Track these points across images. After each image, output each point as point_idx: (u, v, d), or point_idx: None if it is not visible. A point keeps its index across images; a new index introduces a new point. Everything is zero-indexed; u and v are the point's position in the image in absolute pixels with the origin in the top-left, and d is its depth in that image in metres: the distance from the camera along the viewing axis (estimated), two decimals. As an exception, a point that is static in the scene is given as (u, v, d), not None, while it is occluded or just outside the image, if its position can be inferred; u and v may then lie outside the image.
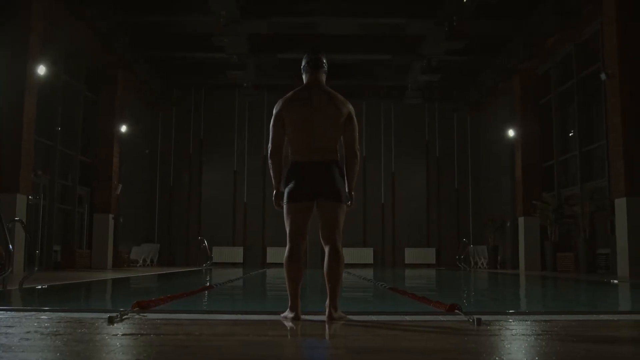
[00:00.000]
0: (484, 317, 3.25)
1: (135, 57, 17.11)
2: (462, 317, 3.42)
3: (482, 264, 19.41)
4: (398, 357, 2.26)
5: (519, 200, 16.72)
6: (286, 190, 3.48)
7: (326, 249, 3.42)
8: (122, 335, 2.73)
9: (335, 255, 3.36)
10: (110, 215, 16.22)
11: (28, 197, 11.57)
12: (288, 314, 3.38)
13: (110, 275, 11.16)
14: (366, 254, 21.05)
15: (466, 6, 13.51)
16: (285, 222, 3.47)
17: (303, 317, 3.36)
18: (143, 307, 3.64)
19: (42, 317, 3.38)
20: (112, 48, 15.66)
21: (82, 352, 2.26)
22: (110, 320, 3.12)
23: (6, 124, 11.32)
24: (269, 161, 3.59)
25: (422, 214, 21.56)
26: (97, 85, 16.61)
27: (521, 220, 16.46)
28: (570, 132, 15.71)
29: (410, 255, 21.30)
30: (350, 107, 3.58)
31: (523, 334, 2.91)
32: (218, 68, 18.37)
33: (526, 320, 3.49)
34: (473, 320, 3.18)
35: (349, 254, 21.13)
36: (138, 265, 18.09)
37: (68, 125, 15.23)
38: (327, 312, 3.34)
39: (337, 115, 3.48)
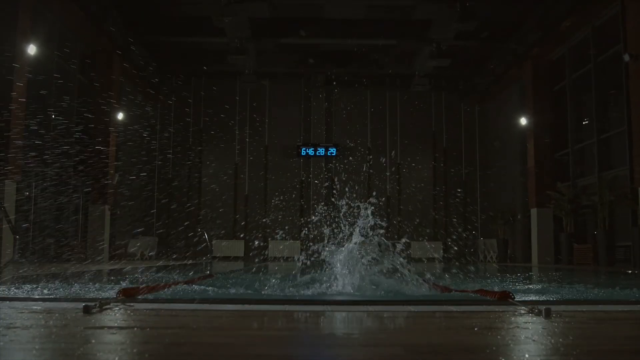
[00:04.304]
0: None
1: (131, 41, 16.42)
2: (522, 307, 2.77)
3: (492, 257, 18.77)
4: (474, 358, 1.62)
5: (532, 191, 16.05)
6: None
7: None
8: (96, 328, 2.09)
9: None
10: (106, 206, 15.57)
11: (17, 184, 10.93)
12: None
13: (103, 267, 10.52)
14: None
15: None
16: None
17: (328, 307, 2.71)
18: (130, 295, 3.00)
19: (3, 307, 2.73)
20: (106, 32, 14.96)
21: (21, 352, 1.62)
22: (87, 310, 2.49)
23: (-7, 105, 10.66)
24: None
25: (429, 207, 20.91)
26: (92, 70, 15.93)
27: (534, 211, 15.80)
28: (585, 120, 15.04)
29: (416, 248, 20.64)
30: None
31: (607, 324, 2.28)
32: (219, 54, 17.68)
33: (594, 310, 2.85)
34: (540, 310, 2.54)
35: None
36: (135, 258, 17.46)
37: (61, 111, 14.55)
38: None
39: None
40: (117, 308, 2.68)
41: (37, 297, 3.12)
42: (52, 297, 3.14)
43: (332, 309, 2.73)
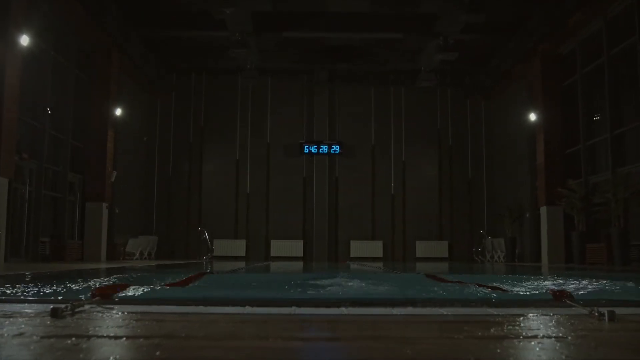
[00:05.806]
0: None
1: (129, 36, 16.01)
2: (579, 310, 2.33)
3: (499, 257, 18.30)
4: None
5: (541, 189, 15.59)
6: None
7: None
8: (56, 337, 1.65)
9: None
10: (104, 205, 15.15)
11: (10, 181, 10.51)
12: None
13: (98, 266, 10.07)
14: (375, 247, 19.97)
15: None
16: None
17: (344, 310, 2.27)
18: (106, 296, 2.56)
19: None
20: (105, 26, 14.54)
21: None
22: (54, 313, 2.06)
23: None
24: None
25: (434, 206, 20.45)
26: (90, 65, 15.52)
27: (543, 210, 15.34)
28: (596, 116, 14.57)
29: (422, 248, 20.20)
30: None
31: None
32: (219, 50, 17.27)
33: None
34: (602, 313, 2.10)
35: (357, 247, 20.05)
36: (135, 258, 17.01)
37: (58, 106, 14.15)
38: None
39: None
40: (92, 311, 2.24)
41: (1, 297, 2.68)
42: (19, 297, 2.70)
43: (349, 312, 2.29)
